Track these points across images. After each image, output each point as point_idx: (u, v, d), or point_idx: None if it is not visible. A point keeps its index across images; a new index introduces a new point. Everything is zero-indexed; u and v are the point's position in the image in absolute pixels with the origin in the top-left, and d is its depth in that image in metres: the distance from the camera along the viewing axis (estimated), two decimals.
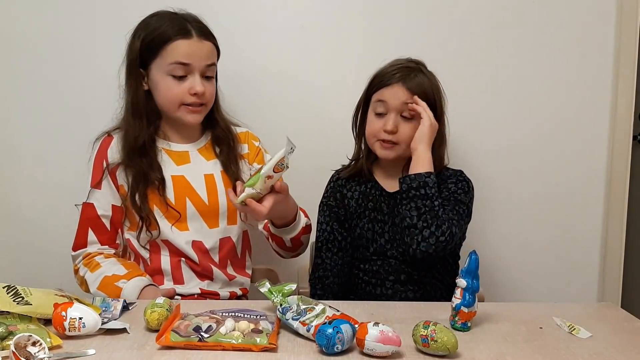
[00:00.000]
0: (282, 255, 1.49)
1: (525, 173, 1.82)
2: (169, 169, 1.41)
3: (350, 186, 1.47)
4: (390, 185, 1.43)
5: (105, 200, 1.38)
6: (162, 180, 1.38)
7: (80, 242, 1.39)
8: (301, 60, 1.75)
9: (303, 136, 1.73)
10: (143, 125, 1.38)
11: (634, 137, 1.87)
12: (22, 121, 1.74)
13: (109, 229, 1.39)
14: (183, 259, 1.40)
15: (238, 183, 1.24)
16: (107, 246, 1.40)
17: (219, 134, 1.47)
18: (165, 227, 1.38)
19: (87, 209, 1.39)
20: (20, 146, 1.76)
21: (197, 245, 1.41)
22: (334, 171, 1.53)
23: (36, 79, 1.72)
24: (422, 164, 1.32)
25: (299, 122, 1.76)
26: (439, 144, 1.40)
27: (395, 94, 1.36)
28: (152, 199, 1.38)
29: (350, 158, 1.51)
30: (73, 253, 1.40)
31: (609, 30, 1.76)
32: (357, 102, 1.47)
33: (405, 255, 1.35)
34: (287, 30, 1.74)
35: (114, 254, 1.41)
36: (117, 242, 1.42)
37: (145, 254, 1.40)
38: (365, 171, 1.46)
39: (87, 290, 1.34)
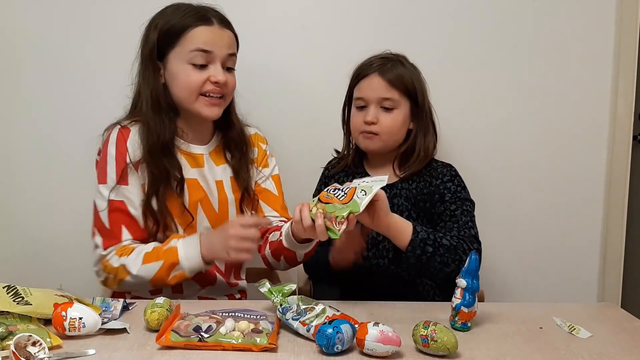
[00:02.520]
0: (275, 267, 1.40)
1: (525, 173, 1.82)
2: (185, 171, 1.33)
3: (342, 180, 1.46)
4: None
5: (135, 197, 1.28)
6: (182, 181, 1.31)
7: (113, 240, 1.27)
8: (301, 60, 1.75)
9: (302, 136, 1.75)
10: (165, 120, 1.29)
11: (634, 137, 1.87)
12: (22, 123, 1.74)
13: (142, 226, 1.29)
14: None
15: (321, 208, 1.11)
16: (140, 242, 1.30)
17: (233, 136, 1.40)
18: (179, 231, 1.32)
19: (117, 206, 1.27)
20: (20, 146, 1.75)
21: None
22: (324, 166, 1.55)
23: (34, 80, 1.72)
24: (402, 229, 1.19)
25: (298, 121, 1.76)
26: (424, 134, 1.40)
27: (372, 85, 1.37)
28: (170, 201, 1.30)
29: (337, 151, 1.52)
30: (103, 252, 1.27)
31: (609, 31, 1.76)
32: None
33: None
34: (287, 30, 1.74)
35: None
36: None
37: None
38: (351, 165, 1.47)
39: (121, 282, 1.24)
